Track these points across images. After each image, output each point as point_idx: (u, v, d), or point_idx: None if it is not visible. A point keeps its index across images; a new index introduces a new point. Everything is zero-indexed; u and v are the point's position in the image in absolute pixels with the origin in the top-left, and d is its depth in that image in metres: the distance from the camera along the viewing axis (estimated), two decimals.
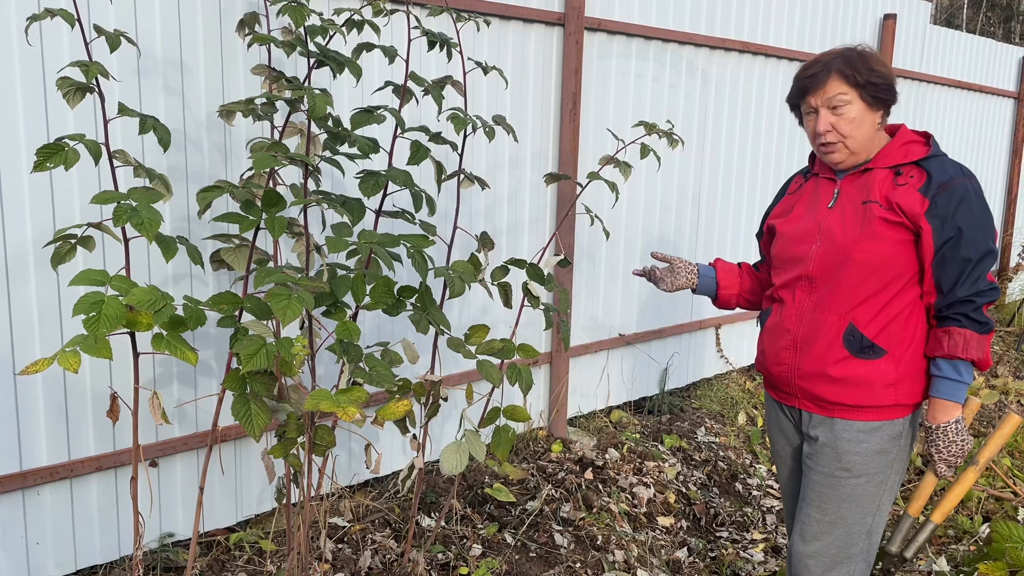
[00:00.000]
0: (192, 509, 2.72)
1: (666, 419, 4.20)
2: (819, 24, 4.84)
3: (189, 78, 2.55)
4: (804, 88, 1.97)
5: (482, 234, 2.32)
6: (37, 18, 1.79)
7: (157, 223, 1.72)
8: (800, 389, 2.06)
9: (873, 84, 1.91)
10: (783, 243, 2.11)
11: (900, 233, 1.90)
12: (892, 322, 1.94)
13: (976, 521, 3.34)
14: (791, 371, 2.06)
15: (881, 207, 1.91)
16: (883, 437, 1.97)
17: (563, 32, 3.54)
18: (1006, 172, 6.90)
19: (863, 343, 1.94)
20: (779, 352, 2.09)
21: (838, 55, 1.95)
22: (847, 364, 1.96)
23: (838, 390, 1.97)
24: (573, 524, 3.11)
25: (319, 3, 2.76)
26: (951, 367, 1.90)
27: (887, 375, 1.94)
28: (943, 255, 1.87)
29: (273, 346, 1.75)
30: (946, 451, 1.94)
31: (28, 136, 2.28)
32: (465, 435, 2.12)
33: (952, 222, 1.85)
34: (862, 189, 1.97)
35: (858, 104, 1.92)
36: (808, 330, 2.02)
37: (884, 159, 1.97)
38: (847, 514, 2.01)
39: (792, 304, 2.06)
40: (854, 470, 1.98)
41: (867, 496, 2.00)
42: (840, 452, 1.99)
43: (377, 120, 2.05)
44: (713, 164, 4.40)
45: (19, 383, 2.36)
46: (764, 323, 2.18)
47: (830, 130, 1.94)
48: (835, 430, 2.00)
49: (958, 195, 1.86)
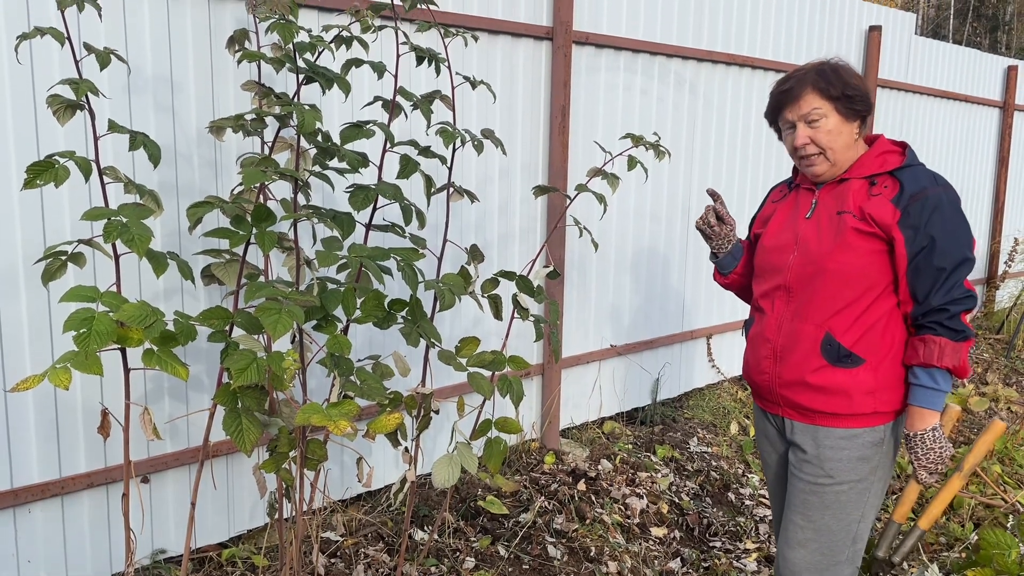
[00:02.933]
0: (184, 525, 2.71)
1: (658, 430, 4.21)
2: (805, 36, 4.88)
3: (179, 94, 2.56)
4: (780, 103, 2.02)
5: (472, 247, 2.33)
6: (27, 36, 1.80)
7: (147, 239, 1.73)
8: (782, 397, 2.08)
9: (848, 96, 1.94)
10: (762, 253, 2.14)
11: (873, 243, 1.92)
12: (869, 331, 1.96)
13: (967, 528, 3.36)
14: (772, 380, 2.09)
15: (854, 217, 1.94)
16: (863, 444, 1.99)
17: (551, 46, 3.57)
18: (992, 181, 6.96)
19: (840, 352, 1.96)
20: (760, 361, 2.12)
21: (811, 70, 1.98)
22: (825, 372, 1.98)
23: (818, 398, 2.00)
24: (566, 536, 3.11)
25: (308, 19, 2.78)
26: (927, 375, 1.92)
27: (865, 383, 1.96)
28: (916, 264, 1.89)
29: (264, 360, 1.75)
30: (925, 458, 1.95)
31: (18, 153, 2.29)
32: (457, 448, 2.12)
33: (925, 231, 1.87)
34: (838, 199, 2.00)
35: (834, 117, 1.95)
36: (787, 340, 2.04)
37: (860, 169, 2.00)
38: (831, 521, 2.02)
39: (771, 314, 2.09)
40: (836, 477, 2.00)
41: (850, 503, 2.01)
42: (822, 459, 2.01)
43: (366, 135, 2.06)
44: (702, 174, 4.43)
45: (9, 400, 2.36)
46: (747, 332, 2.21)
47: (808, 143, 1.97)
48: (817, 437, 2.02)
49: (931, 205, 1.88)
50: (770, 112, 2.09)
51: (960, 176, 6.52)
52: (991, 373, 5.63)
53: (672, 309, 4.41)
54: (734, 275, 2.34)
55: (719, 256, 2.34)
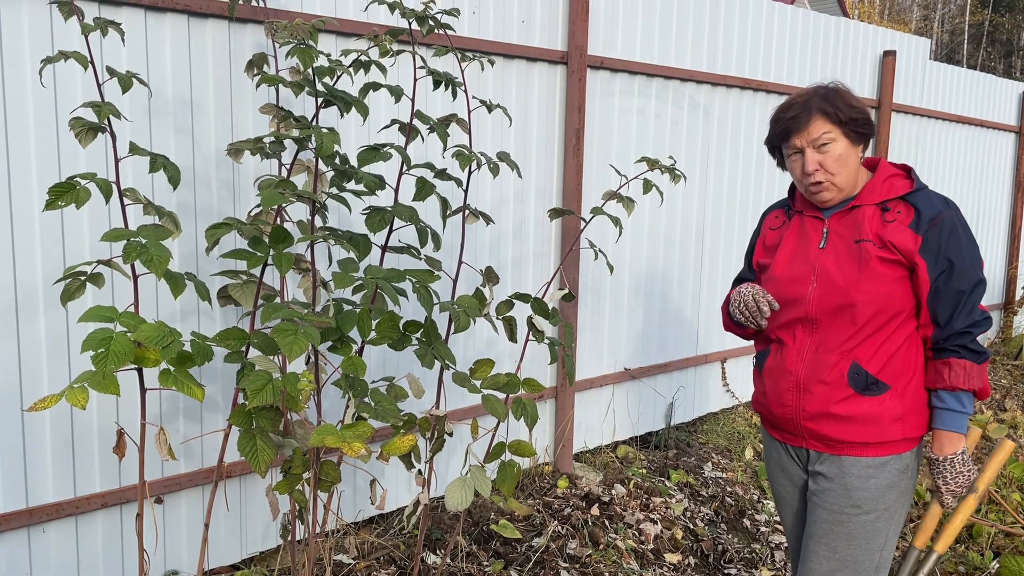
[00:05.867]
0: (196, 546, 2.71)
1: (672, 454, 4.18)
2: (819, 60, 4.90)
3: (199, 117, 2.59)
4: (787, 130, 1.97)
5: (487, 269, 2.34)
6: (51, 60, 1.83)
7: (166, 260, 1.74)
8: (806, 430, 2.03)
9: (854, 120, 1.93)
10: (775, 284, 2.08)
11: (896, 271, 1.91)
12: (894, 357, 1.94)
13: (987, 557, 3.30)
14: (796, 412, 2.04)
15: (875, 246, 1.92)
16: (892, 471, 1.96)
17: (566, 70, 3.60)
18: (1009, 206, 6.92)
19: (868, 380, 1.94)
20: (782, 394, 2.06)
21: (815, 94, 1.96)
22: (852, 402, 1.95)
23: (846, 428, 1.96)
24: (580, 561, 3.08)
25: (327, 44, 2.81)
26: (954, 398, 1.91)
27: (893, 410, 1.94)
28: (937, 288, 1.88)
29: (279, 381, 1.75)
30: (953, 482, 1.94)
31: (40, 175, 2.32)
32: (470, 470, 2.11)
33: (943, 255, 1.87)
34: (852, 227, 1.97)
35: (842, 141, 1.93)
36: (811, 370, 2.00)
37: (870, 195, 1.97)
38: (856, 551, 1.99)
39: (793, 345, 2.04)
40: (864, 506, 1.96)
41: (877, 532, 1.98)
42: (850, 488, 1.97)
43: (383, 157, 2.08)
44: (716, 198, 4.43)
45: (27, 419, 2.37)
46: (763, 364, 2.14)
47: (819, 169, 1.94)
48: (843, 466, 1.98)
49: (947, 228, 1.88)
50: (775, 139, 2.03)
51: (976, 201, 6.49)
52: (1009, 399, 5.56)
53: (686, 332, 4.39)
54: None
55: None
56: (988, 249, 6.75)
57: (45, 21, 2.28)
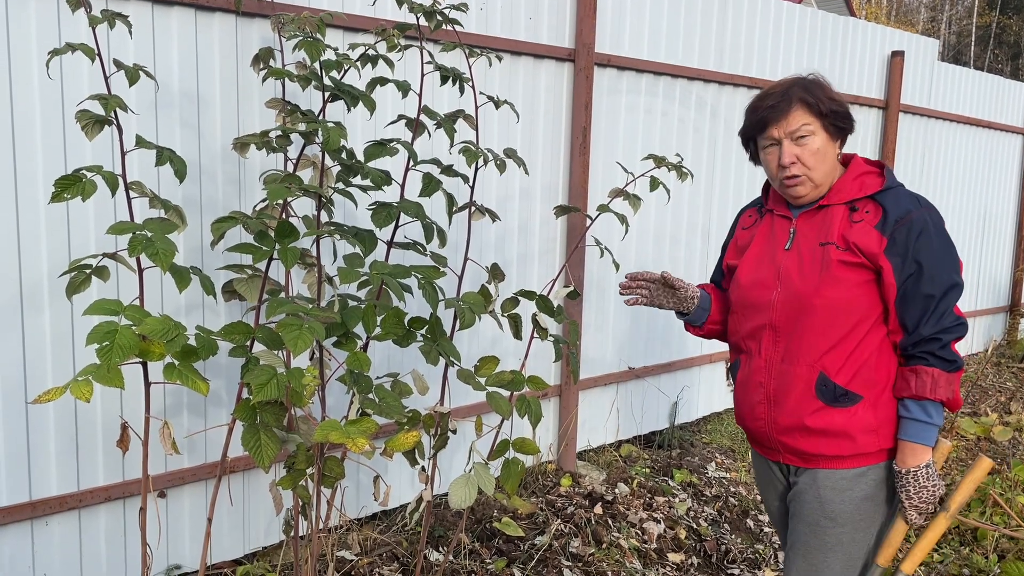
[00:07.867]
0: (199, 541, 2.71)
1: (676, 454, 4.17)
2: (827, 60, 4.88)
3: (205, 111, 2.59)
4: (765, 120, 1.87)
5: (492, 265, 2.33)
6: (58, 52, 1.83)
7: (172, 253, 1.73)
8: (780, 443, 1.96)
9: (835, 112, 1.85)
10: (740, 289, 2.00)
11: (860, 274, 1.81)
12: (864, 366, 1.85)
13: (992, 560, 3.29)
14: (768, 426, 1.96)
15: (839, 248, 1.82)
16: (869, 483, 1.88)
17: (574, 68, 3.58)
18: (1016, 208, 6.89)
19: (836, 392, 1.85)
20: (754, 407, 1.99)
21: (795, 84, 1.87)
22: (823, 414, 1.86)
23: (819, 441, 1.88)
24: (582, 560, 3.08)
25: (334, 38, 2.80)
26: (920, 408, 1.81)
27: (866, 421, 1.85)
28: (904, 292, 1.78)
29: (284, 376, 1.75)
30: (917, 497, 1.82)
31: (46, 167, 2.31)
32: (474, 468, 2.11)
33: (911, 257, 1.77)
34: (819, 229, 1.88)
35: (821, 135, 1.85)
36: (779, 383, 1.91)
37: (839, 194, 1.88)
38: (833, 563, 1.91)
39: (759, 356, 1.95)
40: (839, 519, 1.89)
41: (854, 544, 1.90)
42: (824, 501, 1.89)
43: (390, 153, 2.07)
44: (722, 198, 4.41)
45: (31, 412, 2.37)
46: (735, 377, 2.06)
47: (795, 162, 1.85)
48: (818, 479, 1.91)
49: (916, 229, 1.78)
50: (751, 129, 1.92)
51: (983, 202, 6.47)
52: (1015, 402, 5.54)
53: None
54: (710, 324, 2.17)
55: (688, 314, 2.16)
56: (995, 251, 6.73)
57: (52, 13, 2.28)
